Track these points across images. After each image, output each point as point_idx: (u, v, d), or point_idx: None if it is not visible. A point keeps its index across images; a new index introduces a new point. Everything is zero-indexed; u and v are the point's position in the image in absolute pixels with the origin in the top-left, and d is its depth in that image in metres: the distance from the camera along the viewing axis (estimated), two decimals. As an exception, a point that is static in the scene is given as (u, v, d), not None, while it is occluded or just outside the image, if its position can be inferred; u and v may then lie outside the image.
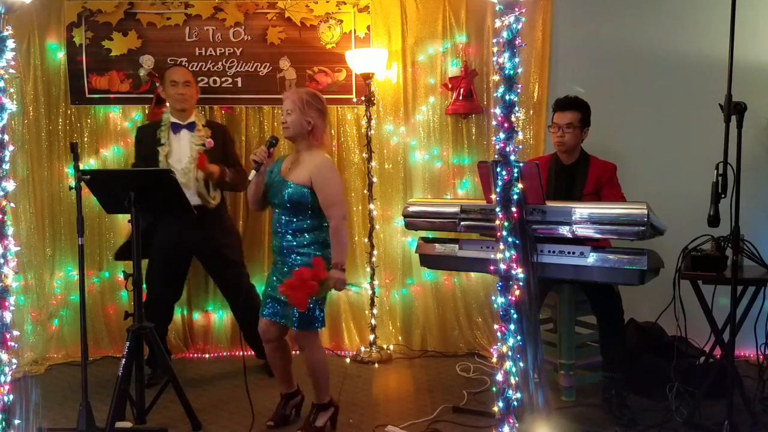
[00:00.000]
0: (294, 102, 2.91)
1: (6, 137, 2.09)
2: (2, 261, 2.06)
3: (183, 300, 4.36)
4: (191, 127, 3.77)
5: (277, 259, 3.00)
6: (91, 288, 4.28)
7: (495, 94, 2.12)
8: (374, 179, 4.27)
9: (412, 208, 3.44)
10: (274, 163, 3.03)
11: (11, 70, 2.13)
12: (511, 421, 2.11)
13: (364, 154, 4.28)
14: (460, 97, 4.27)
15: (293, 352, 3.23)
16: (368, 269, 4.26)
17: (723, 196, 2.63)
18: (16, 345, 2.11)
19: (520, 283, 2.12)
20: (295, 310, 2.84)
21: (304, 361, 3.00)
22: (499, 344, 2.13)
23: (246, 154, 4.31)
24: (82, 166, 3.15)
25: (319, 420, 3.03)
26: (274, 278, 2.97)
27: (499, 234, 2.11)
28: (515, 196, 2.10)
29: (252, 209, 3.29)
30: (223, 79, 4.31)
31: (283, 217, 2.92)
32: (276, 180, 2.95)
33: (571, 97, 3.50)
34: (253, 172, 2.91)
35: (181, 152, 3.73)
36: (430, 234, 3.63)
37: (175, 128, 3.76)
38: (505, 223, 2.10)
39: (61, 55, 4.31)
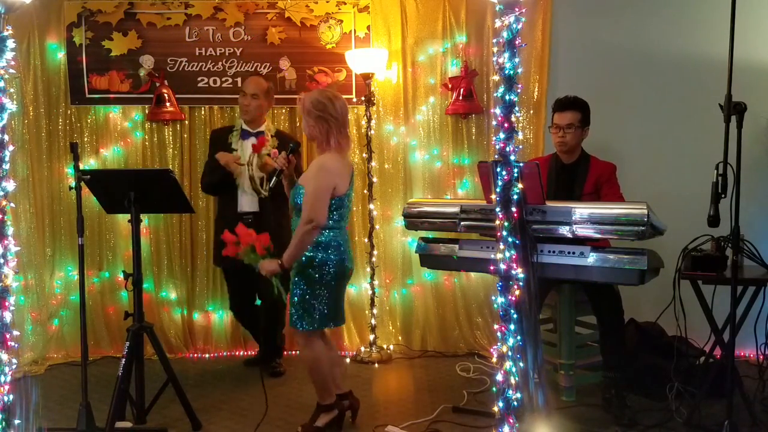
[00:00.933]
0: (300, 107, 2.99)
1: (6, 137, 2.09)
2: (2, 261, 2.06)
3: (183, 300, 4.37)
4: (258, 135, 3.79)
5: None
6: (91, 288, 4.28)
7: (495, 94, 2.12)
8: (374, 179, 4.27)
9: (412, 209, 3.44)
10: None
11: (11, 70, 2.14)
12: (511, 421, 2.11)
13: (364, 154, 4.28)
14: (460, 97, 4.27)
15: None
16: (368, 269, 4.26)
17: (723, 196, 2.63)
18: (16, 345, 2.11)
19: (520, 283, 2.12)
20: (291, 309, 2.93)
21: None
22: (499, 344, 2.13)
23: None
24: (82, 166, 3.15)
25: (319, 420, 3.01)
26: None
27: (499, 234, 2.11)
28: (515, 196, 2.10)
29: None
30: (223, 79, 4.32)
31: (293, 218, 2.98)
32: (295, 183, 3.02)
33: (571, 97, 3.49)
34: (273, 179, 2.99)
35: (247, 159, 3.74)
36: (430, 234, 3.63)
37: (244, 135, 3.83)
38: (505, 223, 2.10)
39: (61, 55, 4.32)
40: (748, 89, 3.05)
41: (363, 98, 4.23)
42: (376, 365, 4.11)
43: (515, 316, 2.10)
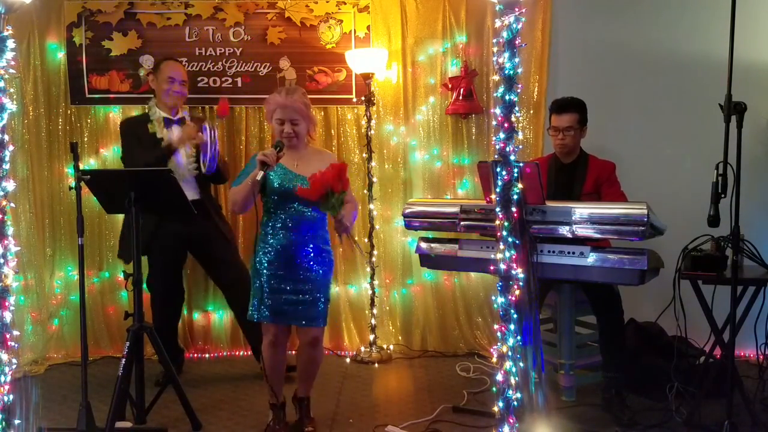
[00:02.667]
0: (300, 111, 2.91)
1: (6, 137, 2.09)
2: (2, 261, 2.06)
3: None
4: (180, 122, 3.75)
5: (279, 260, 2.90)
6: (91, 288, 4.28)
7: (495, 94, 2.12)
8: (374, 179, 4.27)
9: (412, 208, 3.44)
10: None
11: (11, 70, 2.14)
12: (511, 421, 2.11)
13: (364, 154, 4.28)
14: (460, 97, 4.27)
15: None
16: (368, 269, 4.26)
17: (723, 196, 2.63)
18: (16, 345, 2.11)
19: (520, 283, 2.12)
20: (319, 307, 2.90)
21: (313, 357, 3.00)
22: (499, 344, 2.13)
23: (246, 154, 4.32)
24: (82, 166, 3.15)
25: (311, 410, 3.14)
26: (284, 281, 2.89)
27: (499, 234, 2.11)
28: (515, 196, 2.10)
29: (235, 211, 3.15)
30: (223, 79, 4.31)
31: (296, 212, 2.90)
32: (294, 181, 2.88)
33: (567, 98, 3.49)
34: (260, 173, 2.77)
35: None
36: (430, 234, 3.63)
37: (167, 123, 3.73)
38: (505, 223, 2.10)
39: (61, 55, 4.31)
40: (748, 89, 3.05)
41: (363, 98, 4.23)
42: (376, 365, 4.11)
43: (515, 316, 2.11)
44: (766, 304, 2.90)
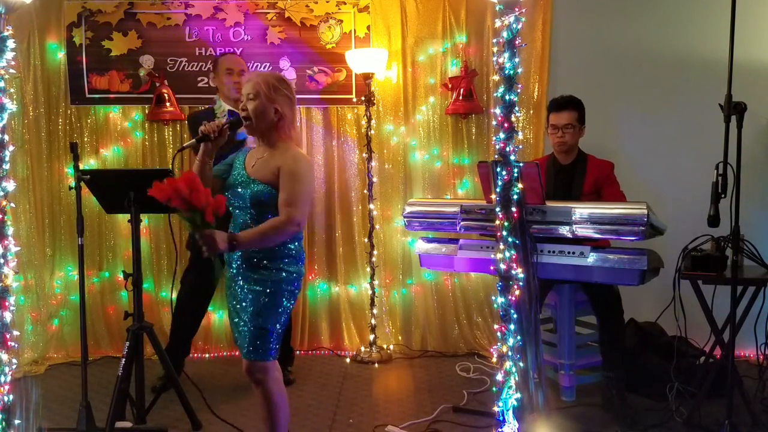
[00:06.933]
0: (257, 85, 2.39)
1: (6, 137, 2.09)
2: (2, 261, 2.06)
3: (183, 300, 4.36)
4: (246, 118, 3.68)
5: (235, 280, 2.45)
6: (91, 288, 4.28)
7: (495, 94, 2.12)
8: (374, 179, 4.27)
9: (412, 208, 3.44)
10: (236, 157, 2.52)
11: (11, 70, 2.14)
12: (511, 421, 2.12)
13: (364, 154, 4.28)
14: (460, 97, 4.27)
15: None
16: (368, 269, 4.26)
17: (723, 196, 2.63)
18: (16, 345, 2.11)
19: (520, 283, 2.12)
20: (246, 337, 2.42)
21: (261, 398, 2.48)
22: (499, 344, 2.13)
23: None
24: (82, 166, 3.15)
25: None
26: (235, 303, 2.47)
27: (499, 234, 2.11)
28: (515, 196, 2.10)
29: None
30: (223, 79, 4.32)
31: (247, 223, 2.40)
32: (240, 179, 2.43)
33: (566, 96, 3.50)
34: (192, 141, 2.38)
35: None
36: (430, 234, 3.63)
37: (230, 116, 3.58)
38: (505, 223, 2.10)
39: (61, 55, 4.32)
40: (748, 89, 3.05)
41: (363, 98, 4.23)
42: (376, 365, 4.11)
43: (515, 316, 2.11)
44: (766, 304, 2.90)
